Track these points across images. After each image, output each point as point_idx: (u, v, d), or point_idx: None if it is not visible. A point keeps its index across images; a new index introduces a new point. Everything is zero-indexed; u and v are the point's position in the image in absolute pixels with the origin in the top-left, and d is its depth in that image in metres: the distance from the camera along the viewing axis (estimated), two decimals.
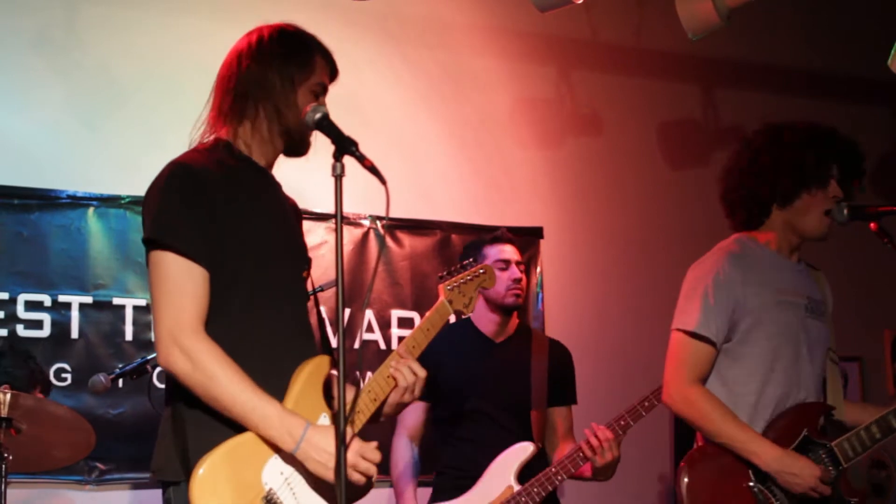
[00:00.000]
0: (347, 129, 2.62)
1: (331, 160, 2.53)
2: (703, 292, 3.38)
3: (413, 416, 4.33)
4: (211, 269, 2.64)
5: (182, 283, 2.60)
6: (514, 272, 4.20)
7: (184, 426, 2.64)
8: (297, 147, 2.88)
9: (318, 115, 2.64)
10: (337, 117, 2.66)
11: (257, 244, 2.74)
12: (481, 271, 3.37)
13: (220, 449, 2.58)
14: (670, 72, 6.39)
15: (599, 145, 6.19)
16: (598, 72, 6.24)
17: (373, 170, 2.54)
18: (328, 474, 2.59)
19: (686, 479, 3.32)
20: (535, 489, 3.99)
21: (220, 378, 2.56)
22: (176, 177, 2.69)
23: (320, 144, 2.85)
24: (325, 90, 2.88)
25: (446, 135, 5.83)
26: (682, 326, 3.40)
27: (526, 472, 4.05)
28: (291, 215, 2.94)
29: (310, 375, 2.74)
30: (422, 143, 5.75)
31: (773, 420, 3.35)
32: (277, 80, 2.79)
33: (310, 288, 2.96)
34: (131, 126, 5.07)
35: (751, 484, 3.28)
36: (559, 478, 3.99)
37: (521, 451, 4.08)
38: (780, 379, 3.39)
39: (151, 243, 2.64)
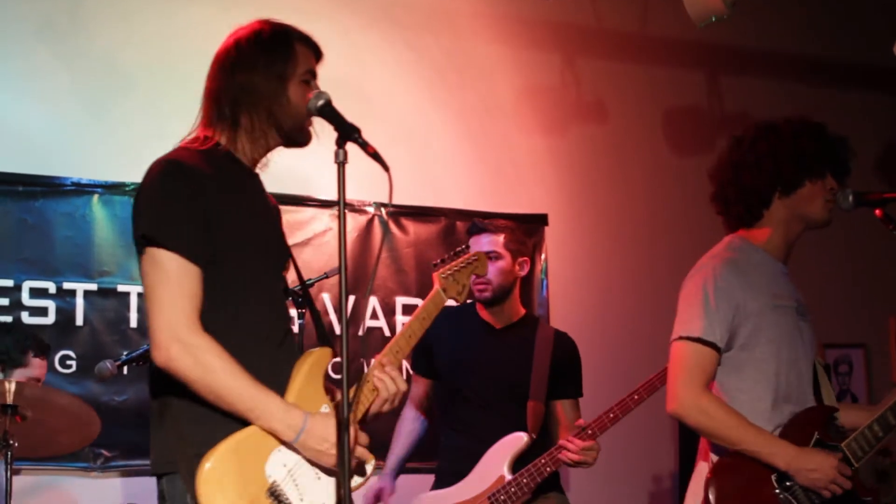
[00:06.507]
0: (351, 115, 2.61)
1: (334, 147, 2.53)
2: (703, 299, 3.32)
3: (417, 389, 4.39)
4: (205, 267, 2.63)
5: (180, 282, 2.59)
6: None
7: (179, 420, 2.63)
8: (298, 139, 2.84)
9: (320, 102, 2.63)
10: (340, 104, 2.65)
11: (248, 242, 2.73)
12: (474, 258, 3.33)
13: (225, 444, 2.57)
14: (675, 59, 6.38)
15: (604, 133, 6.19)
16: (603, 59, 6.23)
17: (376, 156, 2.54)
18: (328, 461, 2.61)
19: (712, 497, 3.28)
20: (525, 479, 4.00)
21: (221, 373, 2.56)
22: (170, 174, 2.66)
23: (324, 132, 2.85)
24: (314, 75, 2.84)
25: (451, 122, 5.82)
26: (686, 334, 3.31)
27: (520, 463, 4.05)
28: (274, 215, 2.93)
29: (311, 367, 2.75)
30: (426, 130, 5.75)
31: (785, 427, 3.33)
32: (263, 82, 2.75)
33: (290, 284, 2.96)
34: (136, 113, 5.07)
35: (776, 492, 3.26)
36: (548, 469, 4.01)
37: (516, 441, 4.08)
38: (784, 382, 3.37)
39: (148, 241, 2.62)
